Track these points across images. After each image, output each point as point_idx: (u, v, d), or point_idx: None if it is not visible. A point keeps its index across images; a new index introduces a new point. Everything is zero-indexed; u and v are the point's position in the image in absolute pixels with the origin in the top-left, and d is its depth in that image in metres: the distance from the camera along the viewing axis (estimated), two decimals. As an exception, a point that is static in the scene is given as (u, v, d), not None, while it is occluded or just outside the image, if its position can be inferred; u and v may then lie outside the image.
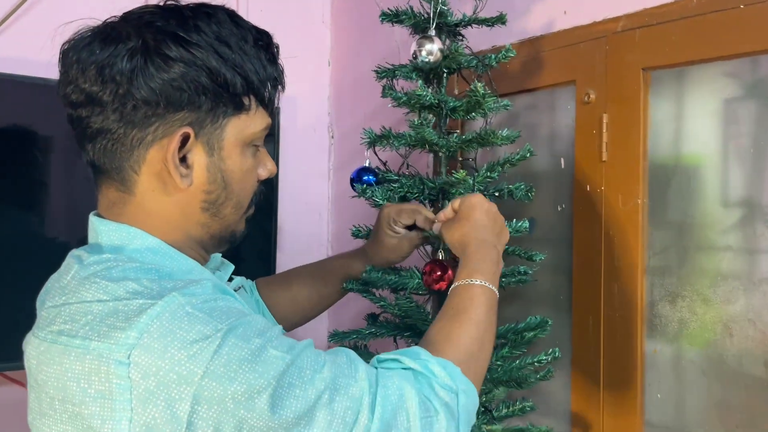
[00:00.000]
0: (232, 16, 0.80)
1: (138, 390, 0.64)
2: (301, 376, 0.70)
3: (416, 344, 1.25)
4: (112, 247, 0.76)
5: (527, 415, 1.25)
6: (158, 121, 0.74)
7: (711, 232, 1.10)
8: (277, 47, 0.86)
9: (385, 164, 1.27)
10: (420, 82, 1.16)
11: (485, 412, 1.24)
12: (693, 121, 1.14)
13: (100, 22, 0.78)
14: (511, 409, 1.25)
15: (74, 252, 0.79)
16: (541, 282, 1.33)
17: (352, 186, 1.24)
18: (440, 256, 1.13)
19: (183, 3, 0.81)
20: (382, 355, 0.83)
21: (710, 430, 1.09)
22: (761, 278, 1.03)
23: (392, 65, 1.23)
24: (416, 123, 1.12)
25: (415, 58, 1.14)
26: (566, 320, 1.29)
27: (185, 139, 0.76)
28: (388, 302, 1.19)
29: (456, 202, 1.04)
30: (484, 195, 1.20)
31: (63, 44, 0.78)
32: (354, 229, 1.24)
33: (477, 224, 0.98)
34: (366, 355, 1.22)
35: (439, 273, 1.08)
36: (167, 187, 0.77)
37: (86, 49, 0.74)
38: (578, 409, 1.27)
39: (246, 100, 0.79)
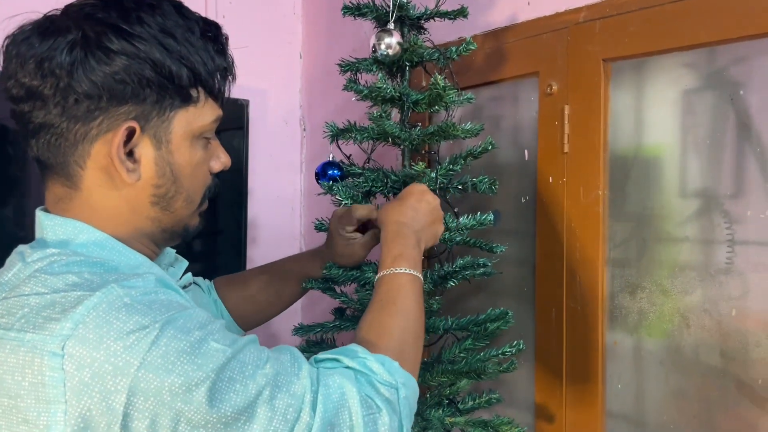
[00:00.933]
0: (178, 7, 0.79)
1: (72, 382, 0.63)
2: (242, 370, 0.69)
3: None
4: (57, 241, 0.75)
5: (493, 406, 1.26)
6: (102, 115, 0.73)
7: (669, 224, 1.11)
8: (226, 37, 0.85)
9: (349, 158, 1.27)
10: (380, 75, 1.15)
11: (450, 404, 1.24)
12: (653, 112, 1.15)
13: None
14: (477, 401, 1.26)
15: (19, 248, 0.78)
16: (506, 274, 1.34)
17: (317, 181, 1.24)
18: None
19: None
20: (320, 355, 0.83)
21: (669, 419, 1.10)
22: (717, 269, 1.04)
23: (355, 59, 1.23)
24: (375, 116, 1.12)
25: (375, 51, 1.14)
26: (531, 312, 1.30)
27: (131, 134, 0.75)
28: (349, 297, 1.19)
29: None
30: (449, 189, 1.20)
31: (5, 38, 0.76)
32: (317, 222, 1.23)
33: (405, 208, 0.99)
34: (332, 348, 1.22)
35: None
36: (114, 182, 0.76)
37: (25, 42, 0.73)
38: (542, 401, 1.27)
39: (194, 92, 0.78)
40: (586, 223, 1.19)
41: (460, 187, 1.21)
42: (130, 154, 0.76)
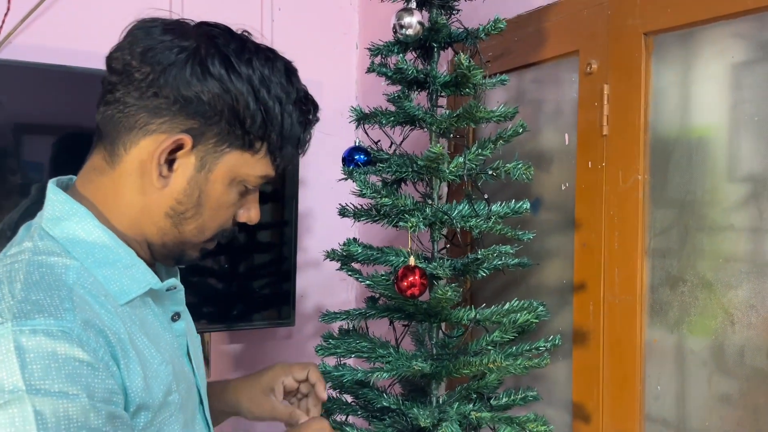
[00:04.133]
0: (290, 70, 0.82)
1: None
2: None
3: (407, 326, 1.23)
4: (50, 218, 0.77)
5: (530, 404, 1.20)
6: (167, 117, 0.76)
7: (714, 211, 1.00)
8: (317, 120, 0.86)
9: (377, 143, 1.25)
10: (401, 56, 1.12)
11: (480, 398, 1.19)
12: (698, 89, 1.04)
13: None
14: (512, 398, 1.20)
15: (19, 233, 0.80)
16: (546, 266, 1.27)
17: (343, 166, 1.23)
18: (411, 262, 1.08)
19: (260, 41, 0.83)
20: None
21: (711, 425, 1.00)
22: (765, 261, 0.93)
23: (384, 42, 1.21)
24: (394, 96, 1.09)
25: (395, 31, 1.11)
26: (570, 306, 1.22)
27: (180, 146, 0.77)
28: (374, 282, 1.16)
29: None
30: (480, 175, 1.14)
31: (136, 20, 0.80)
32: (340, 207, 1.23)
33: None
34: (361, 337, 1.20)
35: (410, 279, 1.04)
36: (143, 179, 0.78)
37: (148, 30, 0.77)
38: (579, 400, 1.20)
39: (257, 144, 0.79)
40: (625, 211, 1.10)
41: (492, 173, 1.16)
42: (171, 162, 0.78)
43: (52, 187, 0.80)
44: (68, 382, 0.64)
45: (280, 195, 1.76)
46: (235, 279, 1.70)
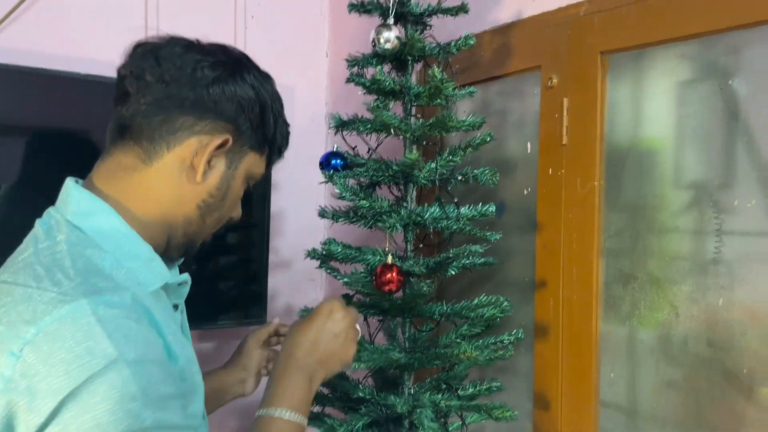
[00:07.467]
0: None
1: (10, 385, 0.67)
2: None
3: (382, 321, 1.31)
4: (77, 212, 0.80)
5: (494, 394, 1.29)
6: (210, 119, 0.84)
7: (662, 214, 1.11)
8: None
9: (353, 149, 1.32)
10: (378, 68, 1.20)
11: (448, 388, 1.28)
12: (648, 104, 1.15)
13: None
14: (478, 388, 1.29)
15: (36, 228, 0.83)
16: (511, 265, 1.36)
17: (321, 170, 1.30)
18: (389, 260, 1.16)
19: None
20: None
21: (658, 408, 1.11)
22: (706, 259, 1.04)
23: (362, 54, 1.28)
24: (373, 106, 1.17)
25: (374, 45, 1.19)
26: (532, 302, 1.32)
27: (224, 144, 0.85)
28: (352, 279, 1.24)
29: None
30: (450, 180, 1.23)
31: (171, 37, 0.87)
32: (320, 209, 1.29)
33: (304, 338, 1.00)
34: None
35: (388, 276, 1.13)
36: (183, 175, 0.84)
37: (189, 45, 0.86)
38: (540, 389, 1.29)
39: (265, 147, 0.92)
40: (583, 214, 1.21)
41: (461, 178, 1.25)
42: (209, 160, 0.85)
43: (73, 184, 0.84)
44: (145, 348, 0.72)
45: (251, 197, 1.82)
46: (209, 279, 1.74)
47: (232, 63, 0.87)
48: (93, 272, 0.75)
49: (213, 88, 0.83)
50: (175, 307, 0.91)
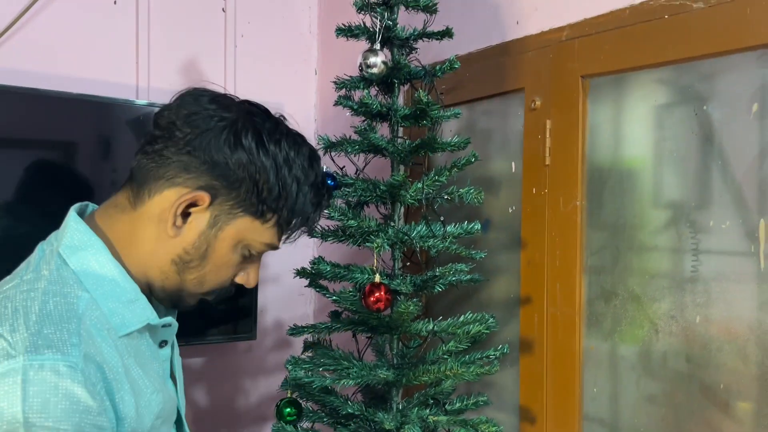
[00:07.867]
0: (312, 156, 0.90)
1: None
2: None
3: (370, 338, 1.33)
4: (68, 246, 0.83)
5: (481, 408, 1.32)
6: (194, 174, 0.83)
7: (642, 233, 1.15)
8: (328, 203, 0.95)
9: (342, 169, 1.35)
10: (366, 91, 1.23)
11: (436, 403, 1.30)
12: (627, 127, 1.19)
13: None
14: (465, 403, 1.32)
15: (34, 254, 0.85)
16: (496, 282, 1.39)
17: (310, 189, 1.32)
18: (377, 279, 1.19)
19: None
20: None
21: (639, 423, 1.14)
22: (683, 277, 1.08)
23: (349, 76, 1.31)
24: (360, 128, 1.20)
25: (362, 69, 1.22)
26: (517, 318, 1.35)
27: (197, 201, 0.83)
28: (341, 297, 1.26)
29: None
30: (436, 199, 1.26)
31: (190, 88, 0.88)
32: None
33: None
34: (327, 350, 1.30)
35: (377, 294, 1.15)
36: (159, 226, 0.84)
37: (198, 97, 0.86)
38: (525, 403, 1.32)
39: (269, 215, 0.86)
40: (565, 232, 1.24)
41: (447, 197, 1.28)
42: (187, 214, 0.85)
43: (74, 215, 0.86)
44: (62, 417, 0.71)
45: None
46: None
47: (236, 119, 0.84)
48: (57, 319, 0.76)
49: (203, 141, 0.82)
50: (164, 342, 0.92)
